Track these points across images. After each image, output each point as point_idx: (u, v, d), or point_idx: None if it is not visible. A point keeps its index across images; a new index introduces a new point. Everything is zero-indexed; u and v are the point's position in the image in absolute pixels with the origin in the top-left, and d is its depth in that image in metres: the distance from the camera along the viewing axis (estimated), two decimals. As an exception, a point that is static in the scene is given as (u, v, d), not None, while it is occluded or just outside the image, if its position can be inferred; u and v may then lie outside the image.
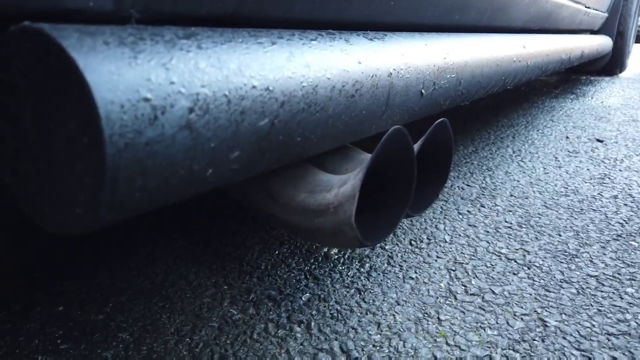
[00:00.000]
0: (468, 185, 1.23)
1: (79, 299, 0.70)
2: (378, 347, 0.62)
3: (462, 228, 0.98)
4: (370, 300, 0.72)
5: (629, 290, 0.77)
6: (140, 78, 0.30)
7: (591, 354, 0.62)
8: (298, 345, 0.62)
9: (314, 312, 0.69)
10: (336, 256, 0.85)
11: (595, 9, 2.59)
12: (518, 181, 1.27)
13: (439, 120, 0.59)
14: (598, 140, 1.73)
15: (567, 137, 1.76)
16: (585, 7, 2.29)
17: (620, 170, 1.39)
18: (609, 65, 3.41)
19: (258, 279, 0.77)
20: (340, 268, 0.81)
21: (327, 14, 0.59)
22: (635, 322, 0.69)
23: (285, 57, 0.43)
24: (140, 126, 0.30)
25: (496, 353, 0.62)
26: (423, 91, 0.66)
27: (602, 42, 2.74)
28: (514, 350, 0.63)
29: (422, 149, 0.59)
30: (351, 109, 0.52)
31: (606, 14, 3.06)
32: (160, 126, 0.31)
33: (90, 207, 0.30)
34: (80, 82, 0.28)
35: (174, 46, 0.34)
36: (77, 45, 0.29)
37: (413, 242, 0.91)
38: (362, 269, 0.81)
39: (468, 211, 1.06)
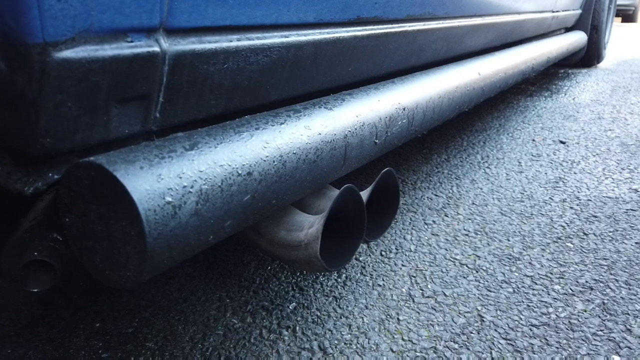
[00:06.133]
0: (436, 195, 1.40)
1: (112, 316, 0.88)
2: (348, 344, 0.80)
3: (426, 237, 1.16)
4: (344, 306, 0.90)
5: (556, 287, 0.95)
6: (164, 189, 0.48)
7: (514, 342, 0.80)
8: (286, 346, 0.80)
9: (299, 319, 0.87)
10: (318, 269, 1.02)
11: (565, 10, 2.75)
12: (481, 189, 1.45)
13: (385, 170, 0.76)
14: (561, 142, 1.90)
15: (534, 140, 1.93)
16: (553, 12, 2.44)
17: (575, 173, 1.56)
18: (586, 57, 3.57)
19: (254, 292, 0.94)
20: (322, 279, 0.99)
21: (295, 91, 0.76)
22: (556, 314, 0.87)
23: (261, 146, 0.60)
24: (166, 220, 0.47)
25: (440, 345, 0.80)
26: (377, 141, 0.84)
27: (573, 41, 2.90)
28: (453, 342, 0.80)
29: (371, 195, 0.76)
30: (314, 171, 0.69)
31: (579, 11, 3.22)
32: (178, 217, 0.48)
33: (136, 272, 0.48)
34: (128, 198, 0.45)
35: (184, 158, 0.51)
36: (125, 173, 0.46)
37: (383, 253, 1.09)
38: (339, 279, 0.98)
39: (433, 221, 1.24)
